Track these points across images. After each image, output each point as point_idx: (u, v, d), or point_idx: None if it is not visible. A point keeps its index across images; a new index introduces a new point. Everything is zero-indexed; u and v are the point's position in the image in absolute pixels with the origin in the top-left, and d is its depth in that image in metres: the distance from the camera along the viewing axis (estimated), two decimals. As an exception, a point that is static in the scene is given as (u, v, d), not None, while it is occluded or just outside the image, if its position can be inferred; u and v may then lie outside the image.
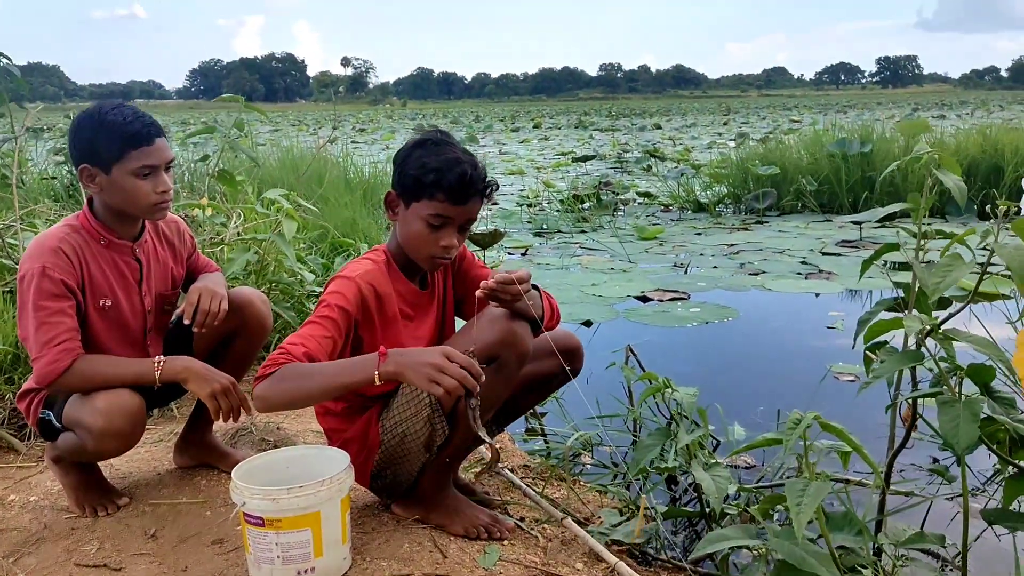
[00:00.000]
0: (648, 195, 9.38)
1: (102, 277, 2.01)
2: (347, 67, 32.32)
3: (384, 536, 1.98)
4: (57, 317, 1.90)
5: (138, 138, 1.91)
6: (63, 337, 1.90)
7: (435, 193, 1.85)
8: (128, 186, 1.93)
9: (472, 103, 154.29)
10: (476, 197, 1.89)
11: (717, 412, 2.79)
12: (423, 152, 1.89)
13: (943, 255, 1.68)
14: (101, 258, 2.01)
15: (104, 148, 1.91)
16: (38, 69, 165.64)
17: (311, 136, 16.64)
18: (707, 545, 1.59)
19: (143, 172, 1.93)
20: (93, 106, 1.97)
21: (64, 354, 1.89)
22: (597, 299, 4.93)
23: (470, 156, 1.91)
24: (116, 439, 1.93)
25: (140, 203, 1.97)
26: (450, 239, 1.90)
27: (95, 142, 1.92)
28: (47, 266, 1.90)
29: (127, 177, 1.92)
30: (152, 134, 1.94)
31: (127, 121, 1.91)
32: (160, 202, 1.99)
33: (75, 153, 1.96)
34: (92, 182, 1.95)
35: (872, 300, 4.83)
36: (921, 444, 2.73)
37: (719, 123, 30.22)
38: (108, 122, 1.90)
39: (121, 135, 1.90)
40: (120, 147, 1.90)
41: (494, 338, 1.87)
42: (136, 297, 2.09)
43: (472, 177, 1.86)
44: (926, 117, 10.03)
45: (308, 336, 1.79)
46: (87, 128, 1.93)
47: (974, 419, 1.52)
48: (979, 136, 8.26)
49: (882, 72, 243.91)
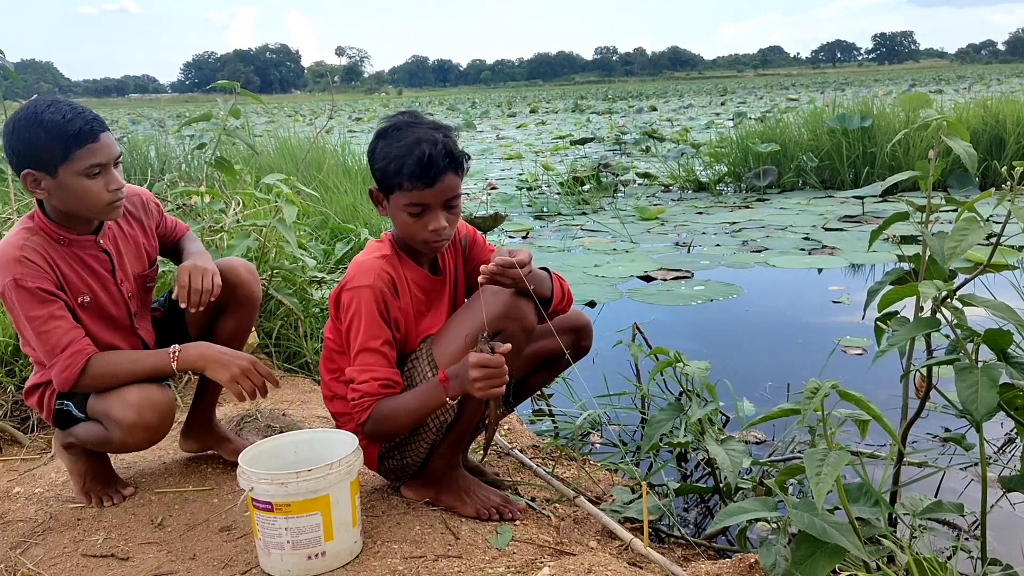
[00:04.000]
0: (648, 176, 9.33)
1: (74, 275, 1.93)
2: (341, 56, 32.18)
3: (395, 519, 1.96)
4: (51, 323, 1.84)
5: (82, 136, 1.78)
6: (66, 340, 1.85)
7: (402, 183, 1.80)
8: (77, 187, 1.81)
9: (468, 90, 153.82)
10: (447, 173, 1.82)
11: (726, 388, 2.77)
12: (385, 143, 1.84)
13: (958, 219, 1.65)
14: (68, 256, 1.92)
15: (46, 150, 1.77)
16: (32, 66, 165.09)
17: (307, 126, 16.57)
18: (725, 518, 1.57)
19: (92, 171, 1.81)
20: (26, 106, 1.82)
21: (74, 357, 1.85)
22: (600, 280, 4.90)
23: (434, 132, 1.83)
24: (145, 432, 1.89)
25: (92, 204, 1.86)
26: (437, 222, 1.84)
27: (35, 144, 1.78)
28: (17, 278, 1.82)
29: (75, 178, 1.80)
30: (96, 130, 1.81)
31: (67, 119, 1.77)
32: (114, 200, 1.87)
33: (14, 158, 1.81)
34: (38, 187, 1.83)
35: (876, 275, 4.80)
36: (933, 415, 2.71)
37: (716, 103, 30.09)
38: (47, 121, 1.76)
39: (63, 134, 1.77)
40: (64, 147, 1.77)
41: (498, 312, 1.85)
42: (113, 287, 2.01)
43: (432, 156, 1.78)
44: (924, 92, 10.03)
45: (372, 365, 1.86)
46: (24, 130, 1.78)
47: (993, 385, 1.50)
48: (980, 108, 8.21)
49: (878, 49, 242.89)
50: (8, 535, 1.99)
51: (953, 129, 1.79)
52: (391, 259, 1.92)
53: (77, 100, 2.43)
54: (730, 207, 7.49)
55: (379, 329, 1.86)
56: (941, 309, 1.62)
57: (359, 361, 1.86)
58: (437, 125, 1.88)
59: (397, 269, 1.92)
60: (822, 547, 1.43)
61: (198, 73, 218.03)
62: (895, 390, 2.11)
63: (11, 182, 3.68)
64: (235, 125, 3.57)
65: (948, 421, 2.68)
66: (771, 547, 1.53)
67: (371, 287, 1.85)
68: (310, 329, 3.35)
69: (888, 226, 1.85)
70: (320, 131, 6.25)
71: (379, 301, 1.86)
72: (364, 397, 1.86)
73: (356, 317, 1.85)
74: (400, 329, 1.92)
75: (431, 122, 1.88)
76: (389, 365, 1.88)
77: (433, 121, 1.89)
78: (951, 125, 1.78)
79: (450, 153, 1.82)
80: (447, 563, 1.74)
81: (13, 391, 2.73)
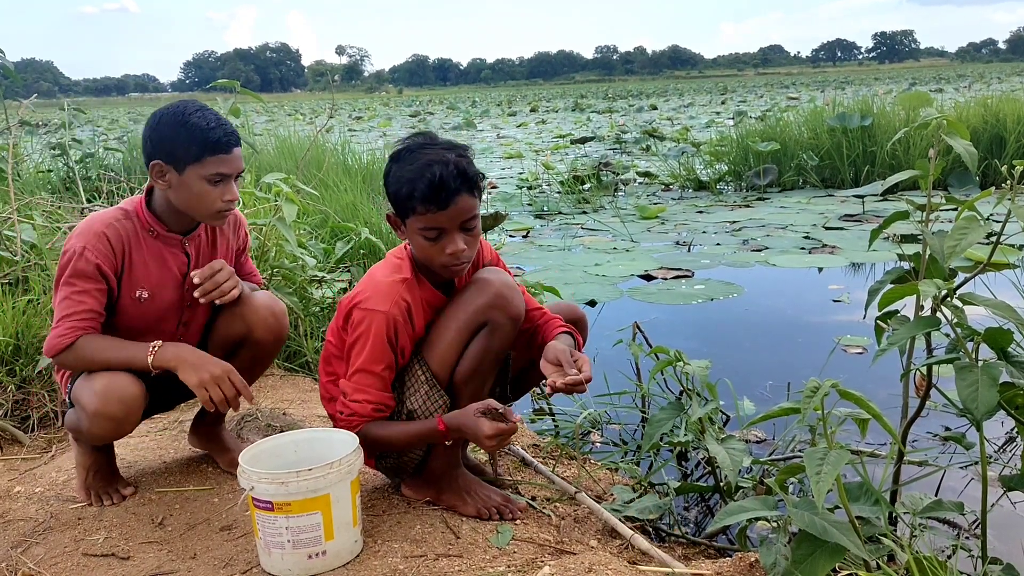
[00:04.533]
0: (648, 175, 9.32)
1: (144, 268, 1.99)
2: (342, 55, 32.20)
3: (395, 518, 1.96)
4: (82, 296, 1.90)
5: (218, 145, 1.90)
6: (80, 316, 1.90)
7: (415, 206, 1.78)
8: (198, 189, 1.92)
9: (468, 89, 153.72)
10: (461, 194, 1.78)
11: (726, 387, 2.77)
12: (398, 167, 1.83)
13: (958, 218, 1.65)
14: (148, 249, 1.99)
15: (182, 148, 1.89)
16: (32, 65, 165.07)
17: (308, 125, 16.57)
18: (725, 517, 1.57)
19: (215, 179, 1.92)
20: (177, 104, 1.94)
21: (72, 330, 1.89)
22: (600, 279, 4.90)
23: (446, 153, 1.80)
24: (108, 422, 1.90)
25: (205, 208, 1.96)
26: (454, 245, 1.81)
27: (175, 141, 1.89)
28: (87, 247, 1.90)
29: (199, 181, 1.91)
30: (231, 143, 1.93)
31: (210, 127, 1.90)
32: (224, 210, 1.97)
33: (149, 148, 1.93)
34: (162, 178, 1.93)
35: (877, 274, 4.80)
36: (933, 414, 2.71)
37: (716, 102, 30.08)
38: (192, 124, 1.88)
39: (203, 140, 1.89)
40: (199, 150, 1.89)
41: (484, 302, 1.87)
42: (178, 290, 2.06)
43: (444, 177, 1.75)
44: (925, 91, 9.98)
45: (368, 387, 1.87)
46: (168, 126, 1.90)
47: (993, 384, 1.49)
48: (980, 107, 8.20)
49: (878, 48, 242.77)
50: (9, 534, 1.99)
51: (953, 128, 1.78)
52: (410, 283, 1.89)
53: (77, 99, 2.45)
54: (730, 206, 7.49)
55: (383, 355, 1.86)
56: (941, 308, 1.62)
57: (356, 380, 1.87)
58: (451, 145, 1.85)
59: (414, 293, 1.90)
60: (822, 546, 1.42)
61: (198, 72, 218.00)
62: (895, 389, 2.11)
63: (11, 182, 3.68)
64: (235, 124, 3.57)
65: (948, 420, 2.68)
66: (771, 546, 1.53)
67: (386, 314, 1.83)
68: (310, 328, 3.35)
69: (888, 225, 1.85)
70: (320, 130, 6.26)
71: (390, 328, 1.84)
72: (353, 416, 1.88)
73: (363, 338, 1.84)
74: (405, 356, 1.92)
75: (445, 142, 1.85)
76: (385, 389, 1.89)
77: (447, 141, 1.86)
78: (951, 124, 1.78)
79: (463, 173, 1.79)
80: (448, 562, 1.74)
81: (13, 390, 2.73)
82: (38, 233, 3.42)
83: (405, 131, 14.14)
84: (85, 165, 5.64)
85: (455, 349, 1.90)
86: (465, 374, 1.91)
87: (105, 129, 17.78)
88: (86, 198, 4.55)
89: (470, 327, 1.89)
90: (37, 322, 2.86)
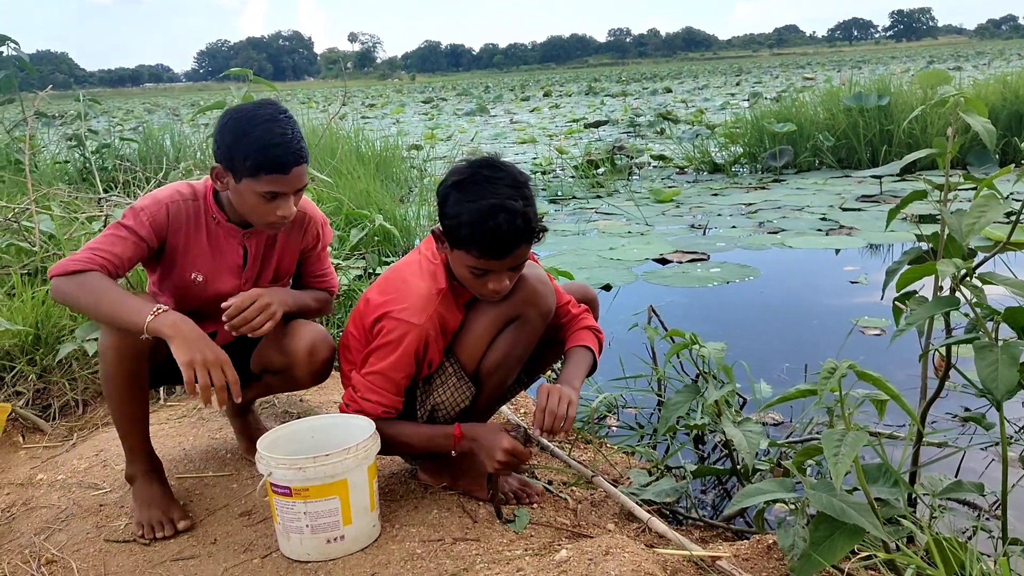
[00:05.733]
0: (663, 158, 9.27)
1: (199, 251, 1.94)
2: (354, 43, 32.13)
3: (412, 503, 1.97)
4: (116, 241, 1.83)
5: (275, 166, 1.79)
6: (105, 253, 1.80)
7: (470, 249, 1.72)
8: (251, 201, 1.84)
9: (481, 74, 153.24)
10: (520, 247, 1.73)
11: (743, 370, 2.76)
12: (460, 196, 1.73)
13: (976, 197, 1.63)
14: (208, 233, 1.95)
15: (240, 159, 1.80)
16: (47, 57, 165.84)
17: (321, 113, 16.58)
18: (743, 499, 1.57)
19: (269, 196, 1.83)
20: (248, 109, 1.83)
21: (90, 261, 1.77)
22: (616, 263, 4.88)
23: (512, 198, 1.70)
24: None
25: (257, 219, 1.89)
26: (499, 283, 1.78)
27: (234, 149, 1.80)
28: (145, 209, 1.86)
29: (252, 195, 1.83)
30: (290, 164, 1.81)
31: (272, 143, 1.78)
32: (276, 223, 1.89)
33: (215, 147, 1.86)
34: (220, 180, 1.87)
35: (894, 255, 4.76)
36: (952, 394, 2.69)
37: (731, 84, 29.84)
38: (254, 138, 1.78)
39: (260, 156, 1.78)
40: (255, 166, 1.78)
41: (518, 296, 1.86)
42: (234, 282, 1.99)
43: (508, 232, 1.68)
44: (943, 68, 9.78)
45: (382, 390, 1.85)
46: (230, 132, 1.81)
47: (1013, 363, 1.48)
48: (999, 84, 8.09)
49: (896, 26, 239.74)
50: (32, 521, 2.02)
51: (971, 105, 1.76)
52: (446, 297, 1.86)
53: (92, 90, 2.41)
54: (746, 188, 7.44)
55: (407, 366, 1.84)
56: (960, 288, 1.60)
57: (372, 380, 1.86)
58: (516, 182, 1.75)
59: (449, 307, 1.88)
60: (841, 527, 1.42)
61: (212, 61, 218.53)
62: (914, 370, 2.09)
63: (28, 173, 3.71)
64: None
65: (968, 401, 2.65)
66: (789, 528, 1.53)
67: (420, 327, 1.81)
68: (326, 316, 3.35)
69: (906, 205, 1.83)
70: (333, 117, 6.26)
71: (420, 342, 1.83)
72: (361, 412, 1.87)
73: (392, 346, 1.82)
74: (433, 367, 1.91)
75: (510, 177, 1.75)
76: (398, 394, 1.88)
77: (511, 175, 1.76)
78: (969, 101, 1.76)
79: (527, 225, 1.72)
80: (465, 546, 1.75)
81: (35, 379, 2.76)
82: (56, 224, 3.45)
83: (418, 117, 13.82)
84: (101, 156, 5.67)
85: (485, 341, 1.90)
86: (491, 366, 1.91)
87: (120, 120, 17.85)
88: (103, 188, 4.58)
89: (501, 320, 1.89)
90: (57, 312, 2.89)
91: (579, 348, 2.00)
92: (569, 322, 2.05)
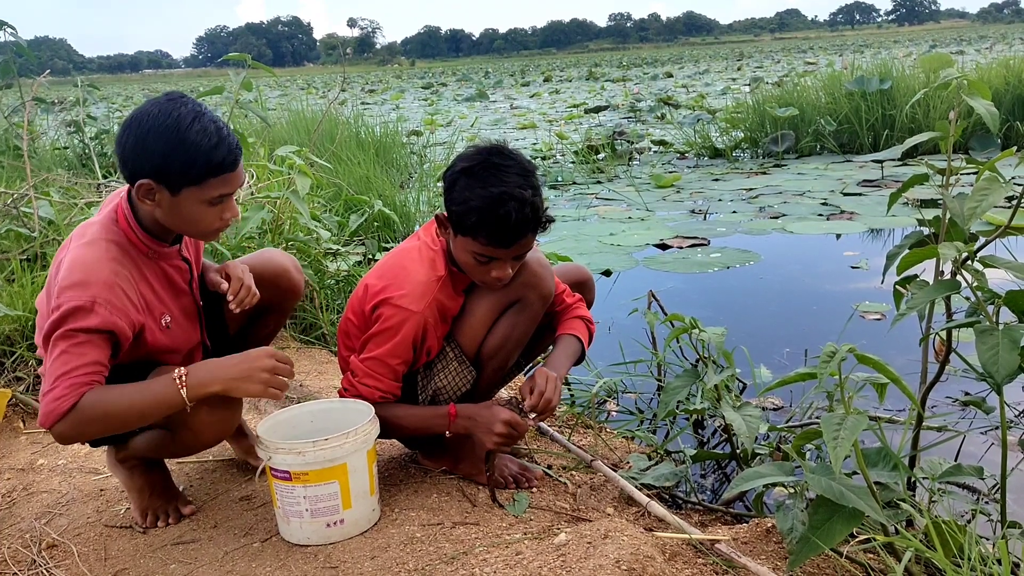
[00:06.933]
0: (663, 143, 9.25)
1: (154, 296, 1.74)
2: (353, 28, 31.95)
3: (412, 487, 1.98)
4: (84, 348, 1.56)
5: (224, 166, 1.63)
6: (82, 371, 1.55)
7: (477, 235, 1.72)
8: (194, 212, 1.66)
9: (481, 59, 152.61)
10: (527, 236, 1.74)
11: (743, 355, 2.76)
12: (469, 182, 1.72)
13: (978, 180, 1.62)
14: (151, 273, 1.74)
15: (178, 170, 1.60)
16: (45, 43, 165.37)
17: (320, 99, 16.53)
18: (742, 483, 1.57)
19: (216, 200, 1.66)
20: (167, 111, 1.60)
21: (73, 388, 1.54)
22: (616, 248, 4.88)
23: (521, 187, 1.71)
24: (219, 421, 1.73)
25: (200, 229, 1.71)
26: (502, 271, 1.79)
27: (168, 159, 1.59)
28: (98, 302, 1.58)
29: (196, 204, 1.64)
30: (238, 158, 1.66)
31: (212, 144, 1.60)
32: (222, 228, 1.73)
33: (134, 162, 1.62)
34: (150, 198, 1.64)
35: (895, 239, 4.75)
36: (952, 378, 2.69)
37: (732, 68, 29.71)
38: (190, 143, 1.59)
39: (205, 161, 1.60)
40: (200, 173, 1.61)
41: (519, 280, 1.86)
42: (189, 300, 1.85)
43: (516, 221, 1.69)
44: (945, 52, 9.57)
45: (380, 375, 1.85)
46: (160, 141, 1.58)
47: (1014, 347, 1.48)
48: (1002, 68, 8.04)
49: (898, 10, 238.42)
50: (33, 506, 2.03)
51: (974, 88, 1.75)
52: (445, 284, 1.86)
53: (91, 76, 2.34)
54: (747, 173, 7.42)
55: (405, 352, 1.85)
56: (961, 271, 1.60)
57: (370, 365, 1.86)
58: (524, 170, 1.75)
59: (448, 294, 1.87)
60: (840, 511, 1.42)
61: (211, 47, 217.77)
62: (914, 355, 2.09)
63: (27, 159, 3.69)
64: (248, 98, 3.56)
65: (968, 385, 2.65)
66: (788, 511, 1.53)
67: (419, 314, 1.81)
68: (325, 301, 3.36)
69: (907, 188, 1.82)
70: (332, 103, 6.23)
71: (419, 329, 1.83)
72: (359, 397, 1.88)
73: (390, 332, 1.82)
74: (432, 355, 1.91)
75: (518, 165, 1.75)
76: (396, 380, 1.89)
77: (520, 163, 1.76)
78: (972, 84, 1.74)
79: (535, 215, 1.73)
80: (464, 530, 1.75)
81: (35, 365, 2.76)
82: (55, 209, 3.44)
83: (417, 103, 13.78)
84: (100, 141, 5.66)
85: (485, 325, 1.90)
86: (492, 349, 1.92)
87: (120, 106, 17.78)
88: (102, 174, 4.57)
89: (502, 304, 1.89)
90: (55, 297, 2.88)
91: (569, 336, 2.01)
92: (563, 311, 2.06)
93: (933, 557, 1.39)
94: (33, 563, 1.77)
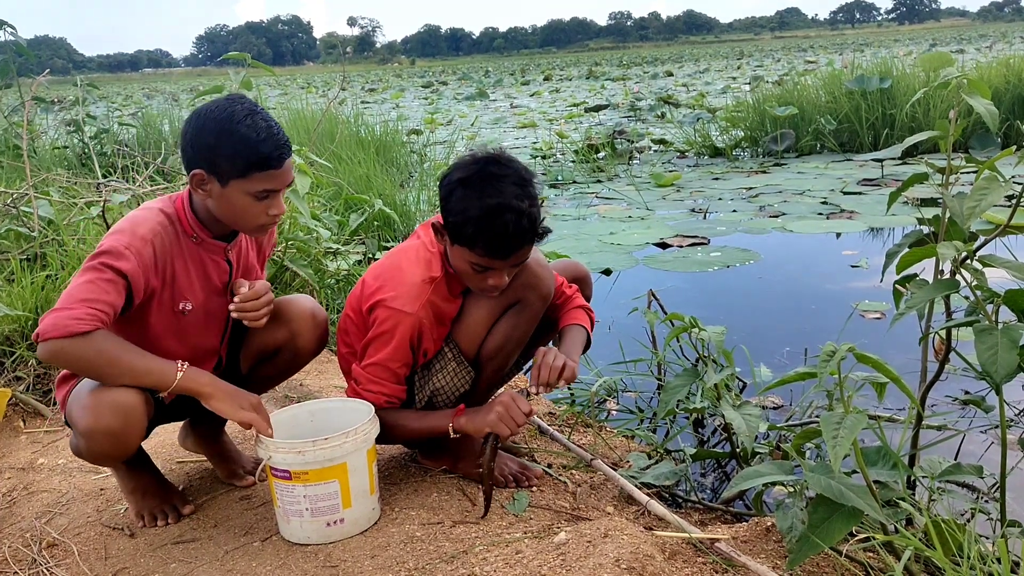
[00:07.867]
0: (663, 142, 9.24)
1: (186, 278, 1.79)
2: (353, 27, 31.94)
3: (412, 486, 1.98)
4: (108, 287, 1.64)
5: (268, 161, 1.70)
6: (103, 305, 1.62)
7: (474, 246, 1.72)
8: (241, 204, 1.73)
9: (481, 58, 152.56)
10: (524, 247, 1.74)
11: (743, 354, 2.76)
12: (466, 192, 1.71)
13: (978, 179, 1.62)
14: (189, 257, 1.80)
15: (227, 161, 1.69)
16: (45, 42, 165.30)
17: (320, 98, 16.52)
18: (741, 482, 1.57)
19: (262, 195, 1.73)
20: (224, 106, 1.70)
21: (93, 318, 1.60)
22: (616, 247, 4.88)
23: (519, 197, 1.70)
24: (105, 438, 1.68)
25: (247, 223, 1.78)
26: (498, 279, 1.78)
27: (218, 151, 1.68)
28: (130, 248, 1.67)
29: (243, 196, 1.72)
30: (284, 156, 1.73)
31: (260, 139, 1.68)
32: (268, 224, 1.79)
33: (190, 153, 1.72)
34: (202, 188, 1.73)
35: (895, 238, 4.74)
36: (952, 378, 2.69)
37: (732, 67, 29.71)
38: (240, 136, 1.67)
39: (251, 155, 1.68)
40: (246, 165, 1.68)
41: (518, 280, 1.86)
42: (219, 301, 1.86)
43: (513, 233, 1.68)
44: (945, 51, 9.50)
45: (383, 380, 1.86)
46: (212, 133, 1.68)
47: (1013, 346, 1.48)
48: (1002, 67, 8.04)
49: (898, 8, 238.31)
50: (33, 505, 2.03)
51: (974, 87, 1.75)
52: (440, 285, 1.85)
53: (90, 75, 2.34)
54: (747, 172, 7.42)
55: (404, 355, 1.84)
56: (960, 270, 1.60)
57: (372, 371, 1.86)
58: (522, 180, 1.74)
59: (444, 296, 1.87)
60: (839, 510, 1.42)
61: (210, 46, 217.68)
62: (913, 354, 2.09)
63: (27, 158, 3.69)
64: (247, 97, 3.56)
65: (967, 384, 2.66)
66: (788, 510, 1.53)
67: (414, 316, 1.80)
68: (325, 300, 3.36)
69: (907, 188, 1.82)
70: (332, 102, 6.24)
71: (415, 331, 1.82)
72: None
73: (386, 336, 1.82)
74: (428, 356, 1.91)
75: (516, 174, 1.74)
76: (399, 383, 1.89)
77: (517, 172, 1.75)
78: (972, 83, 1.74)
79: (532, 226, 1.72)
80: (464, 529, 1.75)
81: (35, 364, 2.76)
82: (55, 209, 3.44)
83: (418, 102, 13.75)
84: (100, 141, 5.66)
85: (485, 326, 1.91)
86: (492, 350, 1.92)
87: (120, 105, 17.79)
88: (101, 174, 4.57)
89: (502, 305, 1.89)
90: (56, 297, 2.88)
91: (574, 326, 2.01)
92: (563, 303, 2.06)
93: (932, 556, 1.40)
94: (33, 562, 1.77)
